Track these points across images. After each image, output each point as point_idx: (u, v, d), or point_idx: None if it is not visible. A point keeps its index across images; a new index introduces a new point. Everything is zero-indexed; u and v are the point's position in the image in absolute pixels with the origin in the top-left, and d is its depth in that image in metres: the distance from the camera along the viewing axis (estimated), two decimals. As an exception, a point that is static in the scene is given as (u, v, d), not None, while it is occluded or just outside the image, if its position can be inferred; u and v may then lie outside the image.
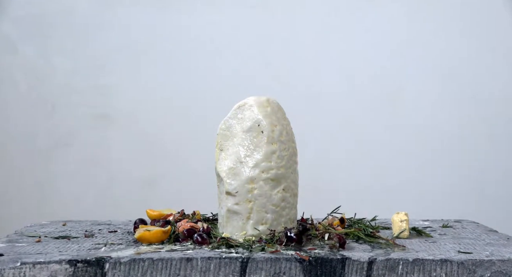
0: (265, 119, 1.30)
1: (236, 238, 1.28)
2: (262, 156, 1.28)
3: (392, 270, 1.16)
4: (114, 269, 1.14)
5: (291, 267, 1.16)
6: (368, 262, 1.16)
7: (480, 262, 1.16)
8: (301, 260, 1.16)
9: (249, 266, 1.15)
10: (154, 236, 1.27)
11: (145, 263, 1.15)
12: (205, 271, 1.15)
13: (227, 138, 1.33)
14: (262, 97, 1.32)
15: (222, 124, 1.34)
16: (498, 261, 1.16)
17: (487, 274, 1.15)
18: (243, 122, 1.31)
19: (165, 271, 1.15)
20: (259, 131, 1.29)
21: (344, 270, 1.16)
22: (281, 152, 1.30)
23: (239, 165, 1.29)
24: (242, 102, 1.33)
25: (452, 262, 1.16)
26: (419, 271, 1.16)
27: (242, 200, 1.28)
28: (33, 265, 1.13)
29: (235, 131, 1.32)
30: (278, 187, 1.29)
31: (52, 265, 1.13)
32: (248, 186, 1.28)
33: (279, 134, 1.30)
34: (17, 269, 1.12)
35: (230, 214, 1.30)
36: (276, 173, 1.29)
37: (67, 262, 1.14)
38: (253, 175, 1.28)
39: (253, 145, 1.29)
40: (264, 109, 1.31)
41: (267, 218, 1.29)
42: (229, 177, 1.30)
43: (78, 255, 1.17)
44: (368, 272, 1.16)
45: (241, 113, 1.32)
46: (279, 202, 1.29)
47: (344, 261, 1.16)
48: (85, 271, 1.14)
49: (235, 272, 1.15)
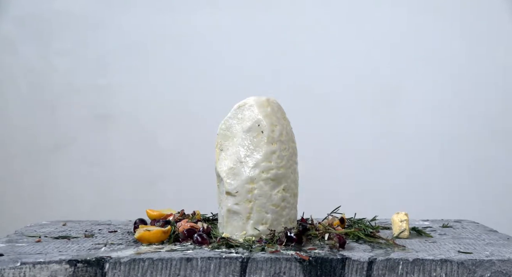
0: (265, 119, 1.29)
1: (236, 238, 1.28)
2: (262, 156, 1.28)
3: (392, 270, 1.16)
4: (114, 269, 1.14)
5: (291, 267, 1.16)
6: (368, 262, 1.16)
7: (480, 262, 1.16)
8: (301, 260, 1.16)
9: (249, 266, 1.15)
10: (154, 236, 1.27)
11: (145, 263, 1.15)
12: (205, 271, 1.15)
13: (227, 138, 1.33)
14: (262, 97, 1.32)
15: (222, 124, 1.34)
16: (498, 261, 1.16)
17: (487, 274, 1.15)
18: (243, 122, 1.31)
19: (165, 271, 1.15)
20: (259, 131, 1.29)
21: (344, 270, 1.16)
22: (281, 152, 1.30)
23: (239, 165, 1.29)
24: (242, 102, 1.33)
25: (452, 262, 1.16)
26: (419, 271, 1.16)
27: (242, 200, 1.28)
28: (33, 265, 1.13)
29: (235, 131, 1.32)
30: (278, 187, 1.29)
31: (52, 265, 1.13)
32: (248, 186, 1.28)
33: (279, 134, 1.30)
34: (17, 269, 1.12)
35: (230, 214, 1.30)
36: (276, 173, 1.29)
37: (67, 262, 1.14)
38: (253, 175, 1.28)
39: (253, 145, 1.29)
40: (264, 109, 1.31)
41: (267, 218, 1.29)
42: (229, 177, 1.30)
43: (78, 255, 1.17)
44: (368, 272, 1.16)
45: (241, 113, 1.32)
46: (279, 202, 1.29)
47: (344, 261, 1.16)
48: (85, 271, 1.14)
49: (235, 272, 1.15)
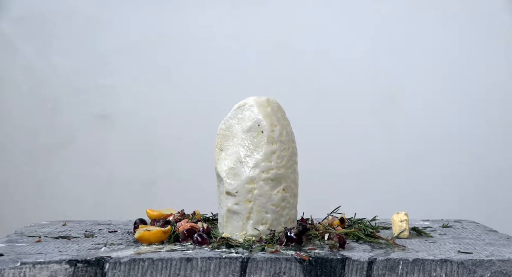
0: (265, 119, 1.29)
1: (236, 238, 1.28)
2: (262, 156, 1.28)
3: (392, 270, 1.16)
4: (114, 269, 1.14)
5: (291, 267, 1.16)
6: (368, 262, 1.16)
7: (480, 262, 1.16)
8: (301, 260, 1.16)
9: (249, 266, 1.15)
10: (154, 236, 1.27)
11: (145, 263, 1.15)
12: (205, 271, 1.15)
13: (227, 138, 1.33)
14: (262, 97, 1.32)
15: (222, 124, 1.34)
16: (498, 261, 1.16)
17: (487, 274, 1.15)
18: (243, 122, 1.31)
19: (165, 271, 1.15)
20: (259, 131, 1.29)
21: (344, 270, 1.16)
22: (281, 152, 1.30)
23: (239, 165, 1.29)
24: (242, 102, 1.33)
25: (452, 262, 1.16)
26: (419, 271, 1.16)
27: (242, 200, 1.28)
28: (33, 265, 1.13)
29: (235, 131, 1.32)
30: (278, 187, 1.29)
31: (52, 265, 1.13)
32: (248, 186, 1.28)
33: (279, 134, 1.30)
34: (17, 269, 1.12)
35: (230, 214, 1.30)
36: (276, 173, 1.29)
37: (67, 262, 1.14)
38: (253, 175, 1.28)
39: (253, 145, 1.29)
40: (264, 109, 1.31)
41: (267, 218, 1.29)
42: (229, 177, 1.30)
43: (78, 255, 1.17)
44: (368, 272, 1.16)
45: (241, 113, 1.32)
46: (279, 202, 1.29)
47: (344, 261, 1.16)
48: (85, 271, 1.14)
49: (235, 272, 1.15)
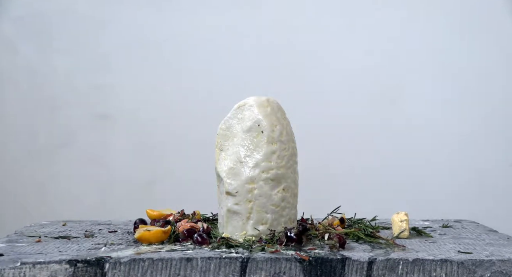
0: (265, 119, 1.29)
1: (236, 238, 1.28)
2: (262, 156, 1.28)
3: (392, 270, 1.16)
4: (114, 269, 1.14)
5: (291, 267, 1.16)
6: (368, 262, 1.16)
7: (480, 262, 1.16)
8: (301, 260, 1.16)
9: (249, 266, 1.15)
10: (154, 236, 1.27)
11: (145, 263, 1.15)
12: (205, 271, 1.15)
13: (227, 138, 1.33)
14: (262, 97, 1.32)
15: (222, 124, 1.34)
16: (498, 261, 1.16)
17: (487, 274, 1.15)
18: (243, 122, 1.31)
19: (165, 271, 1.15)
20: (259, 131, 1.29)
21: (344, 270, 1.16)
22: (281, 152, 1.30)
23: (239, 165, 1.29)
24: (242, 102, 1.33)
25: (452, 262, 1.16)
26: (419, 271, 1.16)
27: (242, 200, 1.28)
28: (33, 265, 1.13)
29: (235, 131, 1.32)
30: (278, 187, 1.29)
31: (52, 265, 1.13)
32: (248, 186, 1.28)
33: (279, 134, 1.30)
34: (17, 269, 1.12)
35: (230, 214, 1.30)
36: (276, 173, 1.29)
37: (67, 262, 1.14)
38: (253, 175, 1.28)
39: (253, 145, 1.29)
40: (264, 109, 1.31)
41: (267, 218, 1.29)
42: (229, 177, 1.30)
43: (78, 255, 1.17)
44: (368, 272, 1.16)
45: (241, 113, 1.32)
46: (279, 202, 1.29)
47: (344, 261, 1.16)
48: (85, 271, 1.14)
49: (235, 272, 1.15)
